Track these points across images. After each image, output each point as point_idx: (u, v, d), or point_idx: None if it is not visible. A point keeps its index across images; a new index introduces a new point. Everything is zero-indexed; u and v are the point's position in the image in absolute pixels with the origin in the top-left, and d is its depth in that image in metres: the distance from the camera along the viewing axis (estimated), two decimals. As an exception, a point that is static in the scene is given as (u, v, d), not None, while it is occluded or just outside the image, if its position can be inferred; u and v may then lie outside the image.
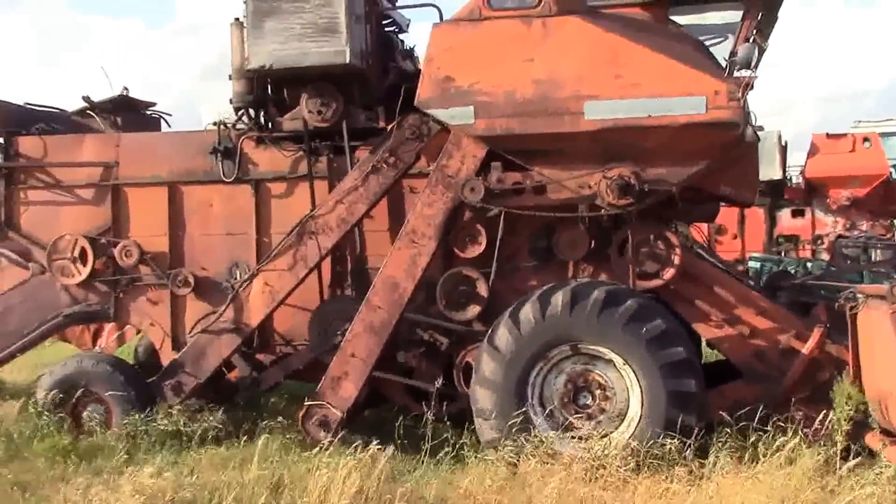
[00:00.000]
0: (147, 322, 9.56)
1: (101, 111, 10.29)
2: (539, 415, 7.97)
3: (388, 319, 8.55)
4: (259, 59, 8.66)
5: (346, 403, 8.55)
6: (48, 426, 9.19)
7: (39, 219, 9.71)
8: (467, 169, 8.40)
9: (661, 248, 8.50)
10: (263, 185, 9.39)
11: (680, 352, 7.73)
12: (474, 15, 8.31)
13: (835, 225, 19.19)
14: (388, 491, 6.59)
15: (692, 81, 7.90)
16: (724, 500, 6.37)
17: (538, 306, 7.93)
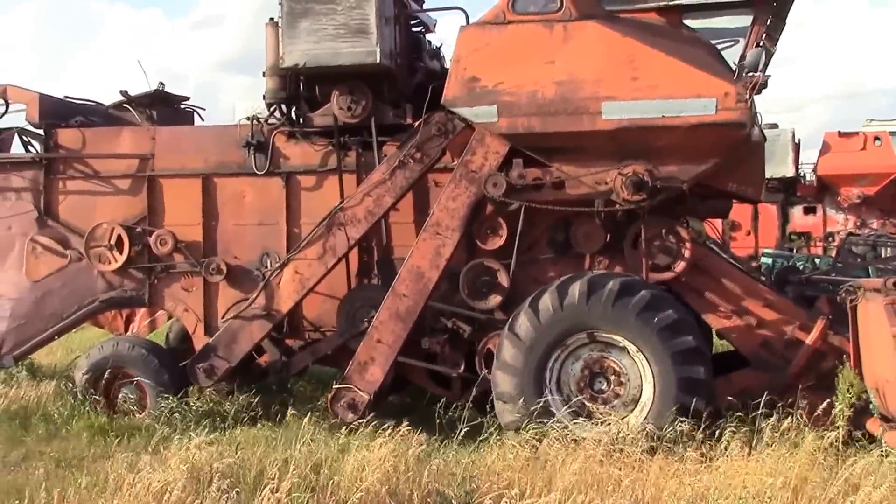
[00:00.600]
0: (181, 308, 10.17)
1: (138, 105, 10.87)
2: (556, 399, 8.56)
3: (413, 307, 9.16)
4: (293, 57, 9.27)
5: (372, 387, 9.16)
6: (85, 407, 9.87)
7: (77, 208, 10.32)
8: (490, 165, 9.01)
9: (673, 241, 9.11)
10: (294, 177, 10.00)
11: (690, 340, 8.33)
12: (499, 18, 8.92)
13: (846, 222, 19.83)
14: (419, 469, 7.18)
15: (703, 84, 8.49)
16: (732, 480, 6.92)
17: (556, 296, 8.53)
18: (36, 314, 10.26)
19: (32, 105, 10.33)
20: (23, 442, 9.28)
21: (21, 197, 10.36)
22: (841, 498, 6.33)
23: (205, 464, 6.98)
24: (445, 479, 7.12)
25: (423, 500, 6.58)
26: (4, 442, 9.28)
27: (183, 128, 11.03)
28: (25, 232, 10.30)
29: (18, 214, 10.33)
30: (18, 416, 10.07)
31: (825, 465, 7.11)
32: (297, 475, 6.57)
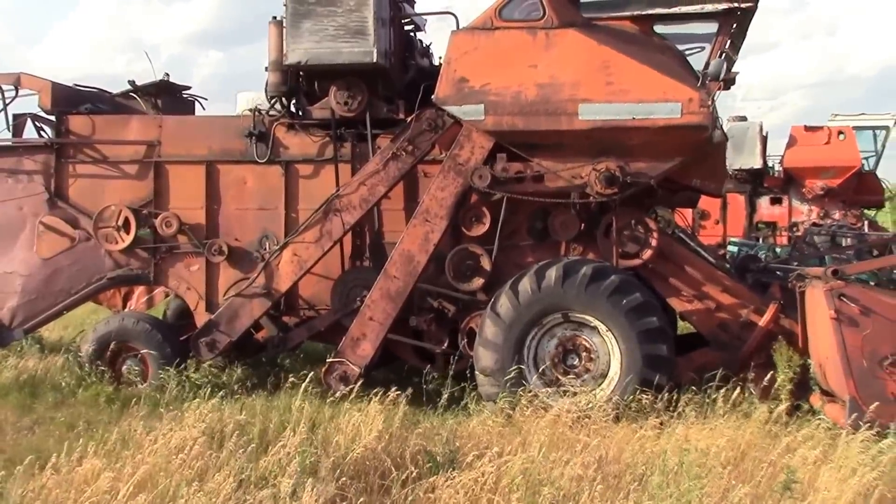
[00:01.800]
0: (184, 286, 11.14)
1: (144, 94, 11.80)
2: (533, 373, 9.66)
3: (403, 288, 10.21)
4: (296, 55, 10.25)
5: (363, 361, 10.19)
6: (91, 377, 10.84)
7: (87, 190, 11.24)
8: (476, 158, 10.06)
9: (641, 231, 10.22)
10: (293, 166, 10.98)
11: (654, 321, 9.45)
12: (487, 24, 9.94)
13: (810, 213, 21.01)
14: (408, 429, 8.27)
15: (670, 89, 9.57)
16: (688, 444, 8.02)
17: (535, 279, 9.62)
18: (46, 290, 11.18)
19: (45, 92, 11.19)
20: (33, 409, 10.22)
21: (33, 179, 11.25)
22: (779, 459, 7.45)
23: (218, 423, 8.03)
24: (432, 439, 8.20)
25: (413, 457, 7.59)
26: (16, 408, 10.21)
27: (188, 117, 12.00)
28: (37, 212, 11.21)
29: (30, 196, 11.23)
30: (27, 385, 11.00)
31: (772, 434, 8.26)
32: (301, 433, 7.59)
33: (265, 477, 7.01)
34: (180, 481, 6.77)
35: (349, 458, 7.33)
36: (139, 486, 6.67)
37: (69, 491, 6.73)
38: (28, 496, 6.72)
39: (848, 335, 8.49)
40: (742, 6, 9.95)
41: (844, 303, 8.60)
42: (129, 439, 7.85)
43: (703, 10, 10.07)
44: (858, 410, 8.16)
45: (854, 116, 22.60)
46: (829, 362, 8.65)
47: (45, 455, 7.45)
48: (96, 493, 6.58)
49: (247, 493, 6.69)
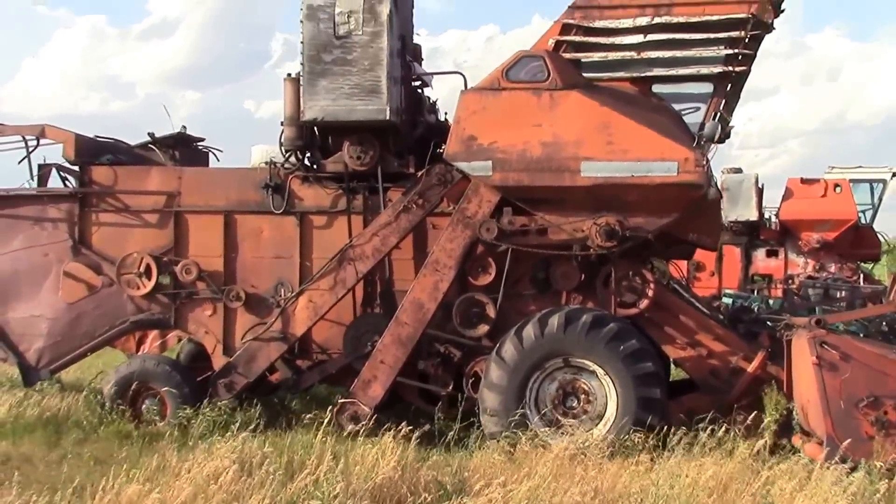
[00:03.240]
0: (202, 330, 12.33)
1: (162, 145, 13.08)
2: (534, 413, 10.86)
3: (413, 334, 11.44)
4: (313, 112, 11.54)
5: (374, 402, 11.39)
6: (113, 415, 11.98)
7: (109, 238, 12.45)
8: (483, 212, 11.34)
9: (638, 282, 11.50)
10: (307, 217, 12.23)
11: (649, 366, 10.71)
12: (495, 85, 11.29)
13: (805, 266, 22.22)
14: (419, 462, 9.47)
15: (667, 149, 10.89)
16: (676, 477, 9.19)
17: (538, 326, 10.87)
18: (71, 333, 12.36)
19: (69, 144, 12.43)
20: (59, 444, 11.30)
21: (58, 227, 12.45)
22: (759, 490, 8.64)
23: (247, 454, 9.22)
24: (441, 470, 9.41)
25: (426, 486, 8.79)
26: (43, 444, 11.31)
27: (207, 169, 13.30)
28: (61, 259, 12.39)
29: (55, 243, 12.43)
30: (51, 422, 12.09)
31: (753, 469, 9.46)
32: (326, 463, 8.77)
33: (294, 502, 8.17)
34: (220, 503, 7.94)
35: (368, 486, 8.51)
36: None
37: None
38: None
39: (828, 379, 9.74)
40: (736, 70, 11.30)
41: (826, 349, 9.87)
42: (165, 468, 9.00)
43: (699, 73, 11.40)
44: (835, 448, 9.39)
45: (851, 169, 23.93)
46: (810, 404, 9.90)
47: (81, 484, 8.59)
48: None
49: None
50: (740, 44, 11.15)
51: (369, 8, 11.35)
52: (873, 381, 9.65)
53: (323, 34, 11.40)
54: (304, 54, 11.48)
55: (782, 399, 10.56)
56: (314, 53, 11.44)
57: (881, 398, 9.56)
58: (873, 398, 9.56)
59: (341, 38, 11.38)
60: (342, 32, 11.38)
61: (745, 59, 11.29)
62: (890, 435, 9.52)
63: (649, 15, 11.29)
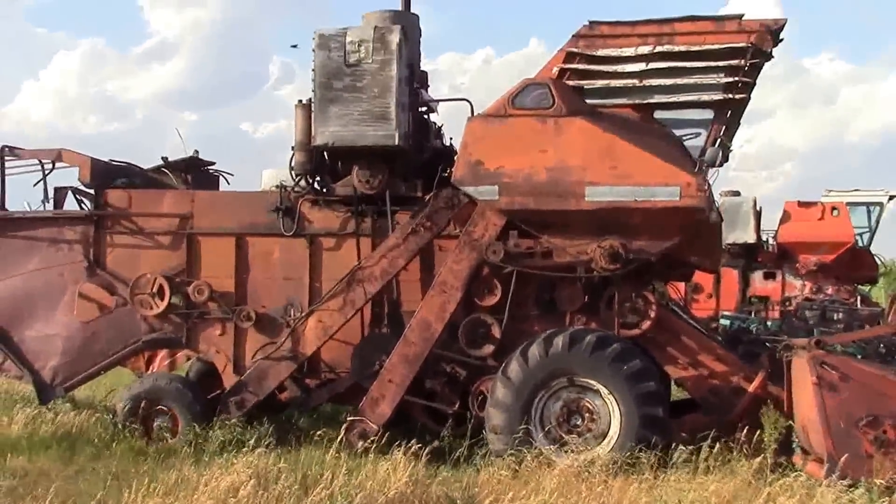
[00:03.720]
0: (213, 349, 12.61)
1: (175, 169, 13.40)
2: (539, 431, 11.11)
3: (420, 353, 11.72)
4: (324, 137, 11.87)
5: (382, 419, 11.65)
6: (125, 432, 12.24)
7: (123, 259, 12.75)
8: (490, 235, 11.65)
9: (641, 304, 11.77)
10: (317, 239, 12.53)
11: (652, 385, 10.98)
12: (500, 112, 11.61)
13: (803, 288, 22.56)
14: (430, 478, 9.74)
15: (670, 174, 11.20)
16: (678, 493, 9.47)
17: (543, 346, 11.14)
18: (85, 351, 12.65)
19: (84, 167, 12.75)
20: (73, 460, 11.57)
21: (73, 248, 12.75)
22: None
23: (263, 469, 9.49)
24: (451, 486, 9.70)
25: (438, 500, 9.09)
26: (58, 460, 11.55)
27: (219, 192, 13.62)
28: (76, 279, 12.69)
29: (70, 263, 12.74)
30: (65, 439, 12.37)
31: (753, 487, 9.73)
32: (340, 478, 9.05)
33: (309, 514, 8.45)
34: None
35: (381, 500, 8.77)
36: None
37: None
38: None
39: (828, 399, 10.01)
40: (736, 97, 11.63)
41: (825, 370, 10.14)
42: (184, 482, 9.26)
43: (700, 100, 11.73)
44: (835, 466, 9.65)
45: (848, 192, 24.32)
46: (810, 423, 10.17)
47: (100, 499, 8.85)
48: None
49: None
50: (740, 72, 11.45)
51: (379, 37, 11.69)
52: (872, 400, 9.92)
53: (334, 62, 11.73)
54: (316, 81, 11.82)
55: (782, 418, 10.83)
56: (325, 80, 11.77)
57: (880, 417, 9.82)
58: (872, 417, 9.82)
59: (352, 65, 11.72)
60: (353, 60, 11.71)
61: (745, 86, 11.61)
62: (889, 453, 9.77)
63: (651, 44, 11.62)
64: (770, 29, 11.47)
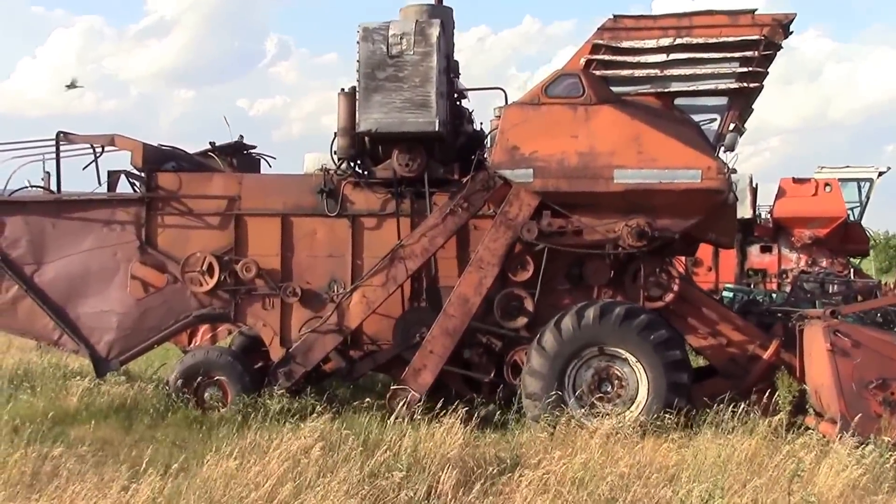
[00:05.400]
0: (260, 324, 13.42)
1: (222, 153, 14.15)
2: (572, 398, 12.01)
3: (459, 326, 12.58)
4: (367, 124, 12.68)
5: (424, 388, 12.51)
6: (178, 403, 13.05)
7: (174, 239, 13.51)
8: (524, 215, 12.49)
9: (664, 278, 12.67)
10: (358, 219, 13.35)
11: (678, 354, 11.92)
12: (535, 100, 12.46)
13: (798, 261, 23.55)
14: (480, 440, 10.65)
15: (692, 158, 12.06)
16: (703, 453, 10.34)
17: (576, 317, 12.03)
18: (138, 326, 13.41)
19: (136, 152, 13.48)
20: (132, 429, 12.36)
21: (125, 229, 13.48)
22: (782, 462, 9.81)
23: (326, 432, 10.35)
24: (499, 446, 10.59)
25: (489, 460, 9.96)
26: (118, 429, 12.34)
27: (266, 175, 14.42)
28: (129, 258, 13.44)
29: (123, 243, 13.47)
30: (121, 409, 13.16)
31: (773, 444, 10.65)
32: (407, 438, 9.92)
33: (376, 473, 9.27)
34: (313, 475, 9.03)
35: (440, 460, 9.63)
36: (279, 480, 8.90)
37: (217, 483, 8.89)
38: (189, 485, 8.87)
39: (840, 364, 10.96)
40: (750, 85, 12.50)
41: (839, 338, 11.09)
42: (254, 447, 10.08)
43: (717, 88, 12.62)
44: (847, 426, 10.59)
45: (839, 169, 25.28)
46: (823, 387, 11.12)
47: (169, 462, 9.68)
48: (242, 483, 8.78)
49: (365, 484, 8.96)
50: (753, 62, 12.38)
51: (420, 30, 12.50)
52: (882, 365, 10.90)
53: (377, 54, 12.55)
54: (360, 72, 12.64)
55: (794, 383, 11.76)
56: (369, 71, 12.59)
57: (889, 381, 10.82)
58: (882, 381, 10.81)
59: (394, 57, 12.53)
60: (395, 52, 12.52)
61: (758, 75, 12.56)
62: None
63: (671, 36, 12.50)
64: (781, 22, 12.37)
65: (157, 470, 9.01)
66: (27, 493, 8.59)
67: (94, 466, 9.66)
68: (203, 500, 8.19)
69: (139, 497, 8.20)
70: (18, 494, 8.47)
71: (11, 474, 9.05)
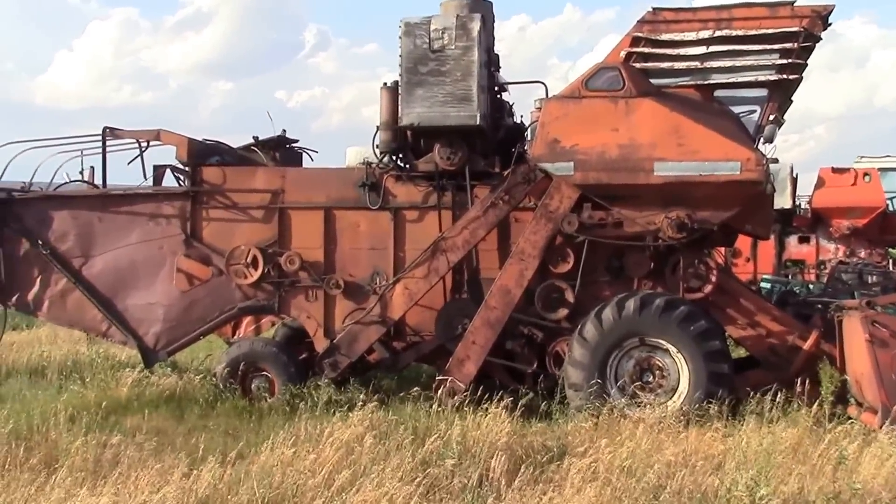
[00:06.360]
0: (304, 315, 13.84)
1: (264, 147, 14.58)
2: (613, 388, 12.36)
3: (501, 317, 12.96)
4: (410, 118, 13.06)
5: (467, 378, 12.89)
6: (227, 393, 13.51)
7: (219, 232, 13.95)
8: (565, 207, 12.84)
9: (703, 269, 12.99)
10: (400, 212, 13.75)
11: (718, 344, 12.24)
12: (575, 94, 12.80)
13: (836, 252, 23.71)
14: (525, 429, 11.05)
15: (731, 150, 12.35)
16: (746, 443, 10.67)
17: (616, 309, 12.37)
18: (185, 318, 13.89)
19: (182, 146, 13.92)
20: (183, 419, 12.84)
21: (171, 222, 13.94)
22: (825, 451, 10.12)
23: (375, 421, 10.77)
24: (544, 435, 10.98)
25: (537, 448, 10.35)
26: (169, 419, 12.81)
27: (308, 169, 14.83)
28: (175, 251, 13.90)
29: (169, 237, 13.93)
30: (171, 399, 13.65)
31: (816, 434, 10.96)
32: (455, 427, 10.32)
33: (427, 461, 9.67)
34: (367, 462, 9.45)
35: (488, 448, 10.02)
36: (335, 467, 9.32)
37: (274, 470, 9.31)
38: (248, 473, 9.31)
39: (880, 354, 11.26)
40: (789, 77, 12.78)
41: (877, 328, 11.39)
42: (307, 436, 10.51)
43: (756, 80, 12.88)
44: (888, 414, 10.90)
45: (879, 158, 25.41)
46: (864, 378, 11.42)
47: (224, 450, 10.14)
48: (298, 470, 9.21)
49: (418, 472, 9.35)
50: (793, 54, 12.62)
51: (461, 25, 12.85)
52: (921, 354, 11.20)
53: (419, 48, 12.91)
54: (403, 66, 13.01)
55: (835, 373, 12.07)
56: (411, 66, 12.97)
57: (928, 370, 11.12)
58: (921, 370, 11.11)
59: (436, 52, 12.89)
60: (437, 47, 12.88)
61: (798, 67, 12.77)
62: (935, 402, 11.05)
63: (711, 28, 12.76)
64: (820, 14, 12.60)
65: (214, 458, 9.44)
66: (92, 479, 9.03)
67: (152, 454, 10.07)
68: (263, 486, 8.57)
69: (201, 483, 8.63)
70: (85, 480, 8.91)
71: (75, 461, 9.52)
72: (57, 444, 10.24)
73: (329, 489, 8.69)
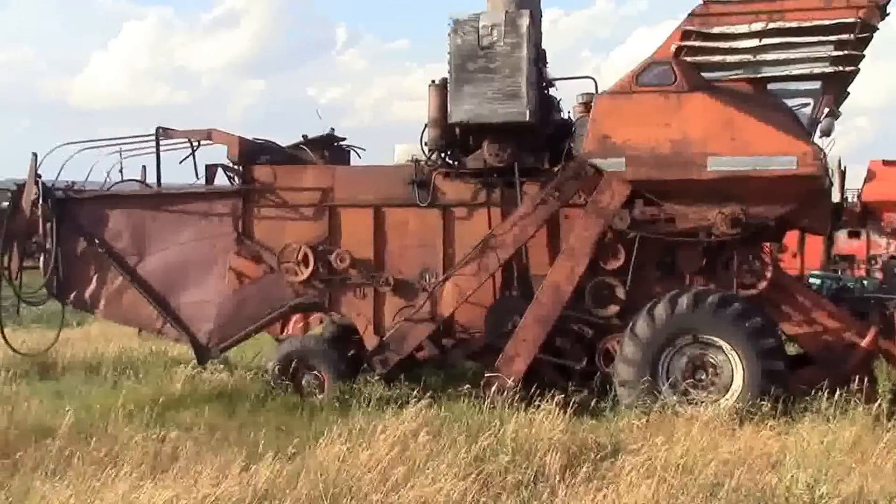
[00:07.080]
0: (354, 312, 13.92)
1: (314, 146, 14.66)
2: (666, 385, 12.29)
3: (551, 314, 12.94)
4: (459, 115, 13.08)
5: (517, 376, 12.86)
6: (277, 389, 13.62)
7: (270, 230, 14.07)
8: (616, 203, 12.79)
9: (757, 265, 12.89)
10: (449, 209, 13.77)
11: (772, 342, 12.12)
12: (626, 89, 12.75)
13: (888, 246, 23.36)
14: (577, 426, 11.04)
15: (787, 144, 12.24)
16: (804, 441, 10.59)
17: (669, 306, 12.31)
18: (236, 315, 14.03)
19: (233, 146, 14.07)
20: (235, 414, 12.92)
21: (223, 221, 14.09)
22: (886, 450, 10.02)
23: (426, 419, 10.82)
24: (598, 432, 10.96)
25: (591, 445, 10.34)
26: (221, 414, 12.90)
27: (358, 167, 14.90)
28: (227, 249, 14.04)
29: (221, 235, 14.08)
30: (223, 395, 13.76)
31: (876, 433, 10.85)
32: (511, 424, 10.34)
33: (481, 458, 9.69)
34: (421, 458, 9.49)
35: (543, 446, 10.03)
36: (390, 463, 9.36)
37: (330, 465, 9.38)
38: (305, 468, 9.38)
39: (937, 351, 11.15)
40: (846, 69, 12.64)
41: None
42: (361, 432, 10.57)
43: (811, 73, 12.75)
44: (947, 413, 10.80)
45: (931, 151, 25.00)
46: (922, 374, 11.31)
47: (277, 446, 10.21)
48: (354, 465, 9.27)
49: (472, 468, 9.38)
50: (849, 45, 12.46)
51: (510, 21, 12.86)
52: (980, 351, 11.07)
53: (468, 45, 12.94)
54: (451, 63, 13.04)
55: (892, 371, 11.94)
56: (460, 63, 12.99)
57: None
58: (978, 367, 10.98)
59: (485, 48, 12.91)
60: (486, 43, 12.90)
61: (854, 59, 12.62)
62: None
63: (763, 20, 12.63)
64: (878, 4, 12.42)
65: (271, 453, 9.54)
66: (152, 473, 9.17)
67: (209, 449, 10.22)
68: (320, 481, 8.65)
69: (259, 478, 8.74)
70: (146, 475, 9.04)
71: (135, 455, 9.67)
72: (117, 438, 10.42)
73: (384, 484, 8.74)
